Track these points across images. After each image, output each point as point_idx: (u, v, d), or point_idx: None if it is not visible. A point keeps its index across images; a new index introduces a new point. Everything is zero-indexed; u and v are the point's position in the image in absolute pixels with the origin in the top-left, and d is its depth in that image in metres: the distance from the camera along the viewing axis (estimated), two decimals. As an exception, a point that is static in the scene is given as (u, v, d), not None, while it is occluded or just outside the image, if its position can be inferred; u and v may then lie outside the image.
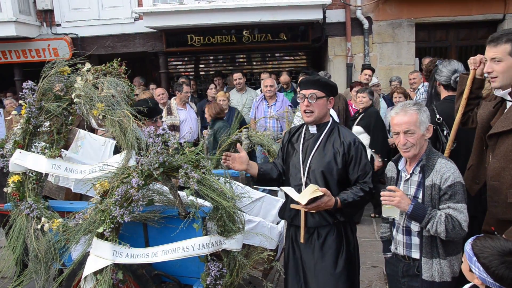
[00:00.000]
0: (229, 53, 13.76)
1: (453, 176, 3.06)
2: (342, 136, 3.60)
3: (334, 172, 3.50)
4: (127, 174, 3.48)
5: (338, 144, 3.56)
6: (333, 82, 3.81)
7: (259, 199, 4.85)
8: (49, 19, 11.58)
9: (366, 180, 3.50)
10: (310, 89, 3.56)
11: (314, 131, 3.67)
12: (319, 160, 3.54)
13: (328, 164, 3.51)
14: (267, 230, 4.26)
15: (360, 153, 3.54)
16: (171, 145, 3.45)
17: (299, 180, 3.58)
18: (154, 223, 3.73)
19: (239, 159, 3.58)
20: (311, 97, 3.53)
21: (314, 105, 3.54)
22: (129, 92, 3.97)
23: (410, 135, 3.17)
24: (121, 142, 3.68)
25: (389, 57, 10.99)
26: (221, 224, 3.53)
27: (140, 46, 11.55)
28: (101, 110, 3.76)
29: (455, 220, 2.99)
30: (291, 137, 3.83)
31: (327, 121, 3.68)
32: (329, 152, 3.55)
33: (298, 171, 3.60)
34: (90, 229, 3.57)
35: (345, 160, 3.52)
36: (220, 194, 3.45)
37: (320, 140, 3.61)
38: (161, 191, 3.78)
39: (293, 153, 3.71)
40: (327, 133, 3.63)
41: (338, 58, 11.17)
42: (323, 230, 3.56)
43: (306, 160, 3.59)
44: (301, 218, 3.52)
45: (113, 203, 3.42)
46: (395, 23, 10.88)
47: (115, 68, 4.16)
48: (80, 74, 4.06)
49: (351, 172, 3.52)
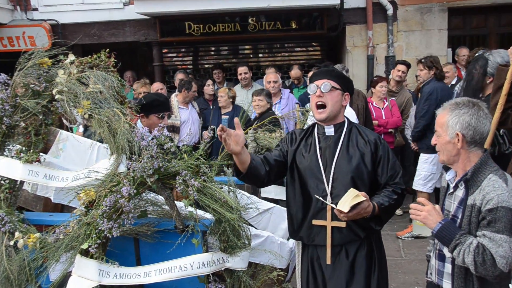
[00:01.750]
0: (233, 44, 13.77)
1: (497, 199, 2.80)
2: (365, 134, 3.61)
3: (364, 176, 3.51)
4: (117, 182, 3.49)
5: (363, 144, 3.57)
6: (348, 77, 3.81)
7: (267, 210, 4.84)
8: (23, 3, 11.50)
9: (397, 181, 3.53)
10: (324, 78, 3.57)
11: (331, 132, 3.64)
12: (345, 164, 3.52)
13: (357, 168, 3.50)
14: (277, 247, 4.26)
15: (387, 151, 3.57)
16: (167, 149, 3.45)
17: (323, 191, 3.52)
18: (147, 238, 3.72)
19: (235, 137, 3.34)
20: (324, 86, 3.52)
21: (328, 96, 3.53)
22: (119, 87, 3.97)
23: (438, 137, 3.10)
24: (110, 145, 3.69)
25: (417, 47, 10.96)
26: (224, 239, 3.53)
27: (130, 35, 11.59)
28: (87, 108, 3.77)
29: (487, 253, 2.78)
30: (300, 141, 3.75)
31: (343, 121, 3.68)
32: (356, 154, 3.54)
33: (320, 181, 3.55)
34: (73, 245, 3.56)
35: (373, 160, 3.53)
36: (223, 204, 3.45)
37: (341, 141, 3.59)
38: (155, 201, 3.77)
39: (308, 160, 3.63)
40: (347, 133, 3.62)
41: (357, 49, 11.17)
42: (352, 247, 3.54)
43: (328, 167, 3.55)
44: (327, 235, 3.49)
45: (100, 215, 3.42)
46: (424, 8, 10.86)
47: (102, 60, 4.17)
48: (62, 67, 4.07)
49: (381, 173, 3.54)
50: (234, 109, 8.47)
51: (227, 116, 8.53)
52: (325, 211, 3.51)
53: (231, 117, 8.34)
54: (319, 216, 3.52)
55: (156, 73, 11.86)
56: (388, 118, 8.43)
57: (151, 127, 4.49)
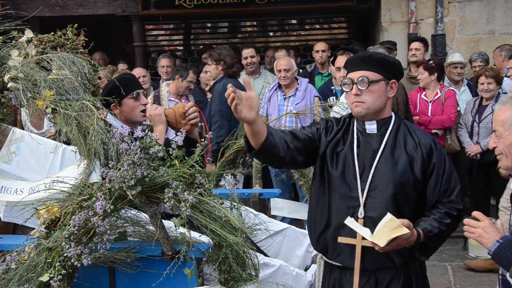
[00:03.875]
0: (235, 19, 13.81)
1: None
2: (416, 135, 3.61)
3: (410, 188, 3.50)
4: (88, 195, 3.50)
5: (412, 147, 3.56)
6: (394, 58, 3.80)
7: (279, 232, 4.85)
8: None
9: (452, 199, 3.52)
10: (360, 70, 3.56)
11: (373, 129, 3.64)
12: (388, 170, 3.52)
13: (403, 176, 3.50)
14: (291, 279, 4.28)
15: (444, 159, 3.56)
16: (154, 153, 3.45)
17: (354, 200, 3.54)
18: (126, 267, 3.73)
19: (248, 100, 3.22)
20: (361, 81, 3.51)
21: (366, 93, 3.52)
22: (91, 74, 3.98)
23: (497, 138, 3.14)
24: (79, 148, 3.70)
25: (475, 23, 10.92)
26: (225, 269, 3.54)
27: (103, 6, 11.62)
28: (49, 100, 3.78)
29: None
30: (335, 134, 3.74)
31: (389, 116, 3.68)
32: (402, 158, 3.54)
33: (353, 187, 3.56)
34: (29, 277, 3.56)
35: (424, 169, 3.52)
36: (225, 225, 3.46)
37: (385, 141, 3.59)
38: (137, 220, 3.79)
39: (341, 160, 3.64)
40: (393, 131, 3.62)
41: (395, 26, 11.17)
42: (385, 275, 3.55)
43: (365, 171, 3.56)
44: (356, 257, 3.48)
45: (66, 237, 3.42)
46: (484, -29, 10.86)
47: (69, 38, 4.19)
48: (16, 46, 4.07)
49: (433, 187, 3.53)
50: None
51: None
52: None
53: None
54: (346, 231, 3.50)
55: (136, 55, 11.90)
56: (435, 115, 8.43)
57: (131, 116, 4.53)
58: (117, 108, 4.47)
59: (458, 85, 9.33)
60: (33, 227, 3.88)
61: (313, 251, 4.87)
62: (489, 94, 8.17)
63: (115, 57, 12.10)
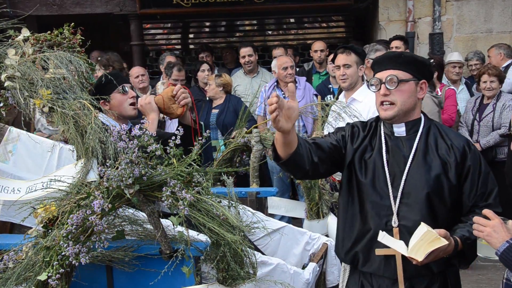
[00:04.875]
0: (233, 18, 13.79)
1: None
2: (448, 137, 3.54)
3: (445, 193, 3.44)
4: (86, 194, 3.49)
5: (445, 150, 3.50)
6: (424, 58, 3.74)
7: (277, 230, 4.85)
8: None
9: (490, 202, 3.45)
10: (389, 69, 3.49)
11: (402, 132, 3.57)
12: (421, 176, 3.44)
13: (437, 181, 3.42)
14: (289, 277, 4.27)
15: (479, 161, 3.50)
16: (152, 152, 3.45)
17: (387, 209, 3.47)
18: (124, 266, 3.73)
19: (288, 110, 3.07)
20: (389, 81, 3.43)
21: (396, 93, 3.44)
22: (88, 73, 3.98)
23: None
24: (77, 147, 3.69)
25: (473, 21, 10.91)
26: (223, 268, 3.53)
27: (101, 5, 11.59)
28: (46, 99, 3.77)
29: None
30: (362, 140, 3.66)
31: (419, 118, 3.60)
32: (435, 163, 3.47)
33: (384, 196, 3.50)
34: (27, 276, 3.55)
35: (459, 173, 3.45)
36: (223, 223, 3.46)
37: (416, 145, 3.52)
38: (135, 218, 3.79)
39: (370, 168, 3.57)
40: (423, 134, 3.55)
41: (393, 24, 11.16)
42: (420, 283, 3.48)
43: (397, 178, 3.49)
44: (398, 267, 3.39)
45: (64, 236, 3.42)
46: (482, -31, 10.86)
47: (66, 37, 4.18)
48: (13, 45, 4.07)
49: (468, 190, 3.47)
50: (227, 100, 8.48)
51: (217, 110, 8.58)
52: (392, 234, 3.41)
53: (221, 111, 8.36)
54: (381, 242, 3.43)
55: (134, 54, 11.88)
56: (433, 114, 8.42)
57: (121, 110, 4.54)
58: (106, 105, 4.48)
59: (456, 84, 9.34)
60: (30, 226, 3.88)
61: (310, 250, 4.88)
62: (492, 93, 8.19)
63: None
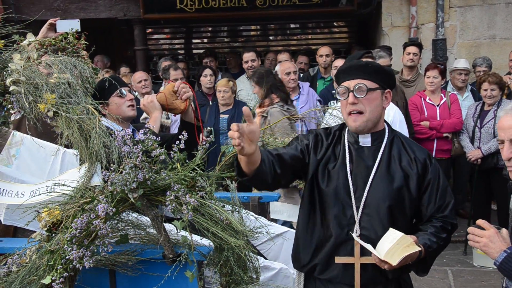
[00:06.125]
0: (236, 23, 13.80)
1: None
2: (411, 150, 3.55)
3: (406, 205, 3.47)
4: (90, 198, 3.50)
5: (407, 162, 3.51)
6: (389, 68, 3.77)
7: (279, 235, 4.85)
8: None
9: (446, 214, 3.49)
10: (356, 78, 3.46)
11: (367, 142, 3.56)
12: (384, 188, 3.45)
13: (398, 193, 3.45)
14: (292, 282, 4.27)
15: (438, 174, 3.52)
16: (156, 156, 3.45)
17: (349, 218, 3.48)
18: (127, 270, 3.72)
19: (250, 134, 3.06)
20: (358, 89, 3.40)
21: (364, 101, 3.41)
22: (92, 77, 3.99)
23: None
24: (81, 151, 3.70)
25: (476, 27, 10.92)
26: (227, 272, 3.54)
27: (105, 10, 11.61)
28: (51, 104, 3.78)
29: None
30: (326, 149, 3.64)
31: (383, 129, 3.60)
32: (398, 174, 3.48)
33: (347, 206, 3.49)
34: (31, 279, 3.55)
35: (419, 185, 3.48)
36: (226, 228, 3.46)
37: (380, 156, 3.52)
38: (138, 223, 3.79)
39: (334, 177, 3.56)
40: (387, 145, 3.55)
41: (396, 30, 11.17)
42: None
43: (359, 188, 3.49)
44: (356, 274, 3.42)
45: (68, 240, 3.42)
46: (485, -24, 10.86)
47: (70, 42, 4.20)
48: (18, 49, 4.08)
49: (427, 202, 3.50)
50: (236, 106, 8.46)
51: (226, 115, 8.52)
52: (351, 243, 3.44)
53: (232, 116, 8.33)
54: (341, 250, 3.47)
55: (137, 59, 11.87)
56: (444, 119, 8.46)
57: (119, 113, 4.55)
58: (105, 109, 4.49)
59: (461, 91, 9.35)
60: (34, 230, 3.88)
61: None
62: (492, 100, 8.18)
63: (117, 61, 12.08)
